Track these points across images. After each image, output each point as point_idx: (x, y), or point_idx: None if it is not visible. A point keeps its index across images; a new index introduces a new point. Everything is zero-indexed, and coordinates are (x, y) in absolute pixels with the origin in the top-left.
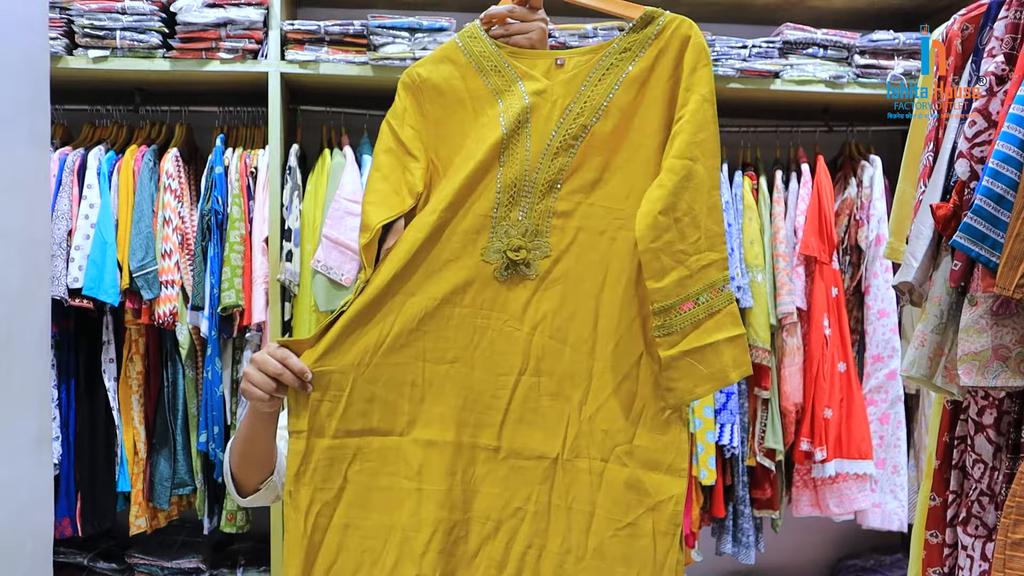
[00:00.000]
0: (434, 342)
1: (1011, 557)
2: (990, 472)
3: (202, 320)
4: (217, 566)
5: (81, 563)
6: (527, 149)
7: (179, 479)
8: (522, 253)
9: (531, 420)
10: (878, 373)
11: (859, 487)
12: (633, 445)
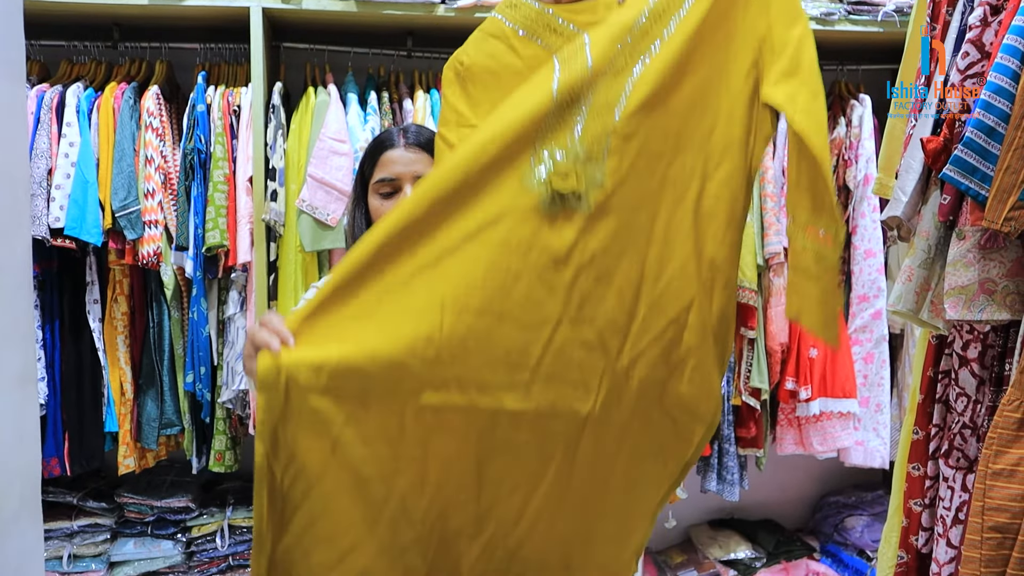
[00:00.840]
0: (456, 289)
1: (991, 486)
2: (973, 405)
3: (187, 260)
4: (206, 505)
5: (71, 502)
6: (587, 67)
7: (166, 419)
8: (571, 181)
9: (563, 376)
10: (863, 313)
11: (842, 425)
12: (666, 392)
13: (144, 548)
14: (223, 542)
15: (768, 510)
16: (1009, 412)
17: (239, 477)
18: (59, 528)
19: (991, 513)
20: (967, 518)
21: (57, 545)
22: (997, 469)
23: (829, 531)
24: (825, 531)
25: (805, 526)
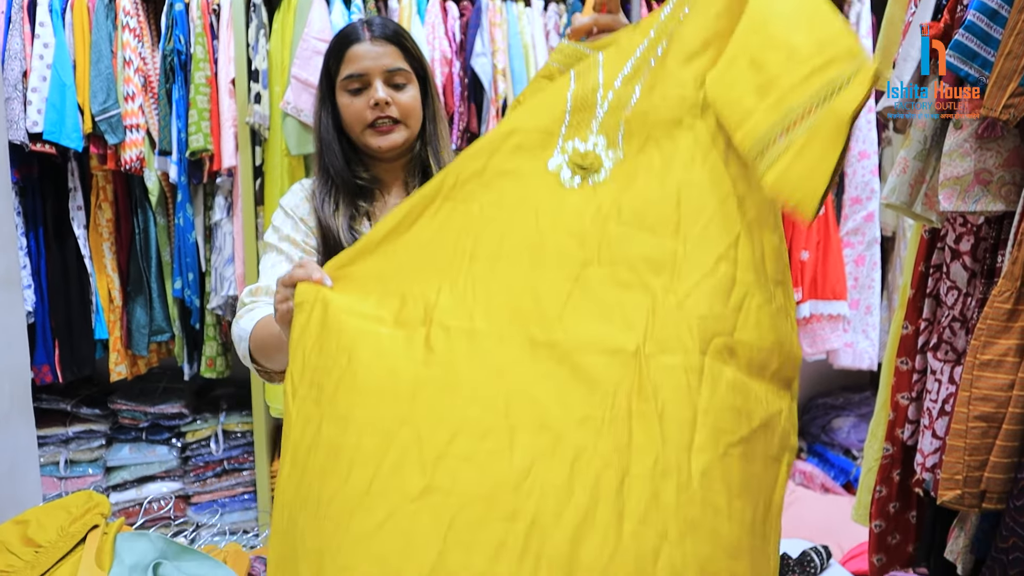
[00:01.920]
0: (486, 242)
1: (978, 377)
2: (963, 298)
3: (170, 165)
4: (200, 411)
5: (64, 409)
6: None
7: (156, 326)
8: (590, 159)
9: (600, 312)
10: (856, 215)
11: (832, 327)
12: (735, 339)
13: (139, 453)
14: (217, 447)
15: None
16: (999, 303)
17: (231, 383)
18: (54, 434)
19: (977, 403)
20: (953, 409)
21: (53, 451)
22: (985, 360)
23: (816, 432)
24: (812, 432)
25: None
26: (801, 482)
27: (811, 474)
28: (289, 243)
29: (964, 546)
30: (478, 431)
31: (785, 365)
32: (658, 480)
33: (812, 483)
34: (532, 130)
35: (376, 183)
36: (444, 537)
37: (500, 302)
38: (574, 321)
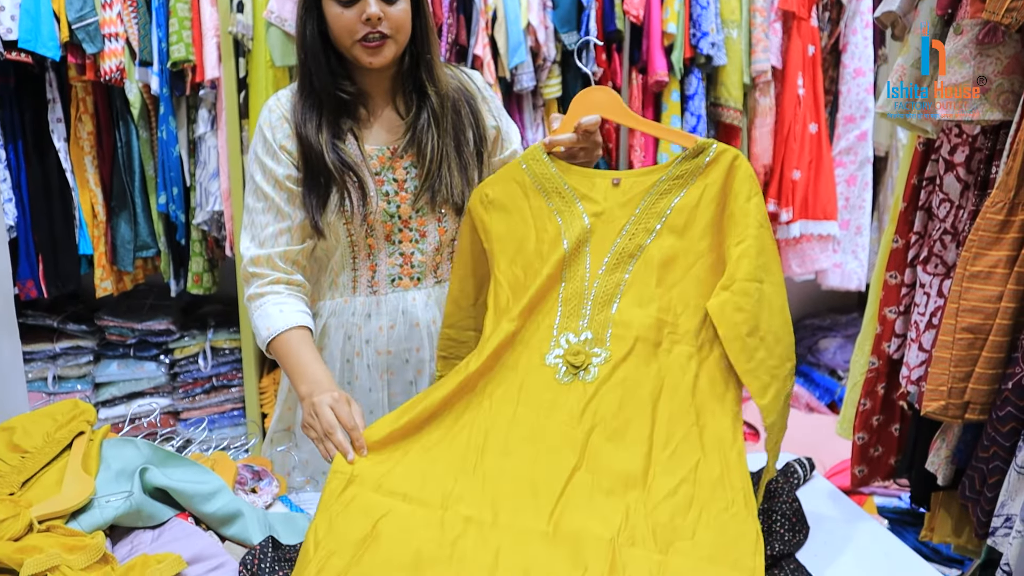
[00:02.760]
0: (493, 437)
1: (967, 289)
2: (955, 211)
3: (152, 77)
4: (187, 328)
5: (51, 325)
6: (587, 266)
7: (141, 242)
8: (581, 358)
9: (585, 509)
10: (849, 134)
11: (822, 248)
12: (695, 541)
13: (128, 369)
14: (206, 363)
15: None
16: (992, 214)
17: (219, 300)
18: (41, 350)
19: (965, 315)
20: (940, 322)
21: (41, 367)
22: (975, 271)
23: (803, 352)
24: (798, 352)
25: None
26: None
27: (796, 394)
28: (273, 184)
29: (945, 457)
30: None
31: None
32: None
33: (797, 402)
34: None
35: (361, 96)
36: None
37: (505, 496)
38: (564, 514)
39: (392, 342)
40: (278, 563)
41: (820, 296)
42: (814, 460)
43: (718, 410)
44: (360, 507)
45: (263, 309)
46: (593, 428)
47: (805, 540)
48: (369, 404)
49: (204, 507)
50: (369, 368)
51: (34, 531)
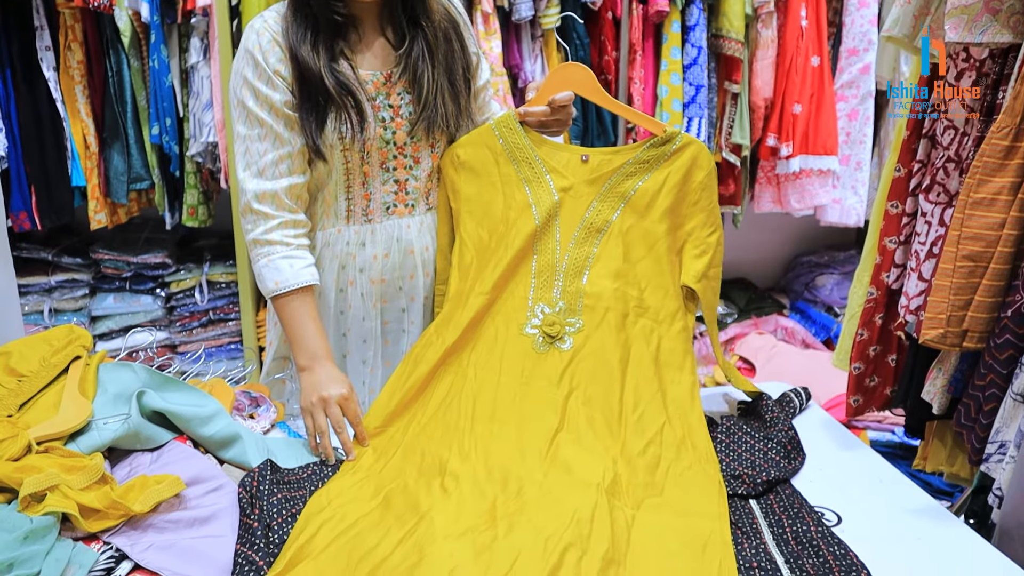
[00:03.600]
0: (481, 405)
1: (969, 216)
2: (960, 138)
3: (142, 3)
4: (183, 261)
5: (46, 258)
6: (557, 239)
7: (135, 173)
8: (556, 328)
9: (569, 465)
10: (852, 68)
11: (821, 183)
12: (664, 497)
13: (124, 303)
14: (202, 297)
15: (742, 270)
16: (997, 140)
17: (214, 234)
18: (37, 283)
19: (966, 242)
20: (941, 251)
21: (37, 300)
22: (978, 198)
23: (800, 289)
24: (796, 289)
25: (777, 285)
26: (782, 337)
27: (792, 330)
28: (269, 110)
29: (941, 386)
30: (479, 527)
31: (708, 505)
32: (607, 561)
33: (793, 338)
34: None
35: (352, 20)
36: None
37: (497, 455)
38: (552, 469)
39: (386, 270)
40: (277, 485)
41: (818, 233)
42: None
43: (678, 378)
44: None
45: (273, 261)
46: (571, 393)
47: (801, 467)
48: (362, 333)
49: (202, 430)
50: (363, 297)
51: (33, 452)
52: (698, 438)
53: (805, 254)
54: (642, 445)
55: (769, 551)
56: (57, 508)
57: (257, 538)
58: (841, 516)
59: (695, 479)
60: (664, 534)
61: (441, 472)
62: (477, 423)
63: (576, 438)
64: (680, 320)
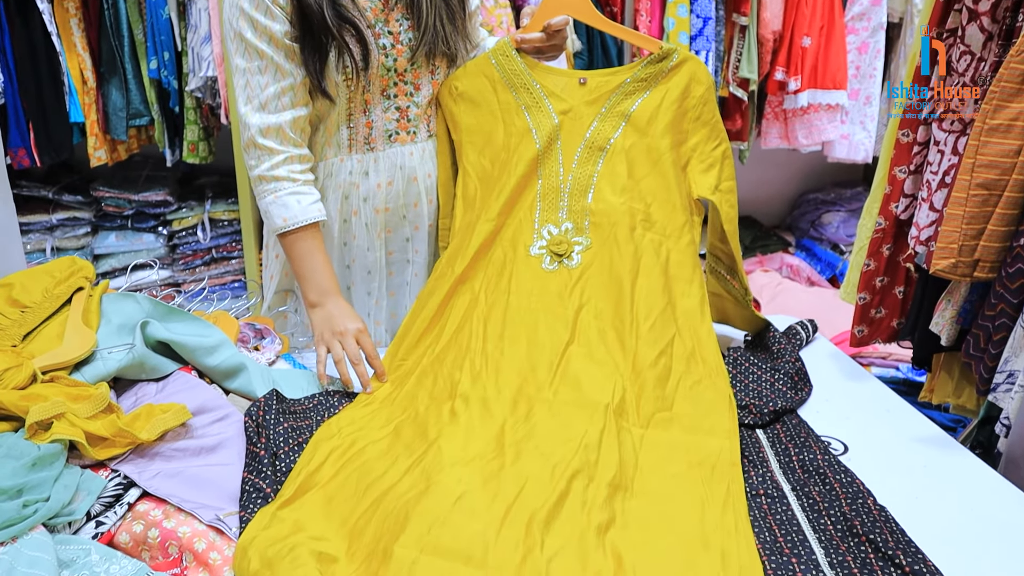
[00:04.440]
0: (492, 326)
1: (985, 143)
2: (976, 63)
3: None
4: (185, 199)
5: (46, 196)
6: (559, 161)
7: (134, 109)
8: (564, 247)
9: (579, 380)
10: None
11: (829, 118)
12: (673, 412)
13: (126, 241)
14: (204, 235)
15: (748, 207)
16: (1016, 64)
17: (216, 171)
18: (38, 222)
19: (981, 170)
20: (954, 180)
21: (38, 238)
22: (994, 124)
23: (805, 227)
24: (801, 227)
25: (782, 222)
26: (787, 275)
27: (797, 267)
28: (268, 41)
29: (950, 317)
30: (487, 454)
31: (717, 421)
32: (614, 487)
33: (798, 276)
34: (515, 224)
35: None
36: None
37: (507, 374)
38: (562, 385)
39: (390, 199)
40: (283, 415)
41: (825, 170)
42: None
43: (687, 291)
44: (381, 415)
45: (280, 198)
46: (581, 307)
47: (807, 397)
48: (366, 264)
49: (207, 360)
50: (367, 227)
51: (38, 381)
52: (708, 352)
53: (811, 191)
54: (653, 356)
55: (776, 479)
56: (64, 436)
57: (264, 466)
58: (847, 445)
59: (704, 394)
60: (672, 454)
61: (452, 395)
62: (488, 343)
63: (587, 352)
64: (688, 233)
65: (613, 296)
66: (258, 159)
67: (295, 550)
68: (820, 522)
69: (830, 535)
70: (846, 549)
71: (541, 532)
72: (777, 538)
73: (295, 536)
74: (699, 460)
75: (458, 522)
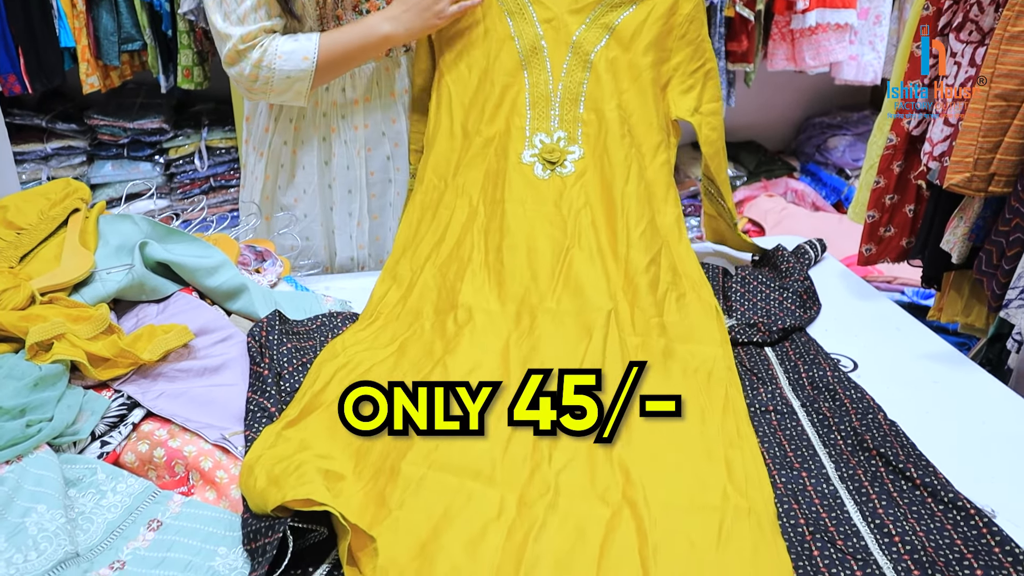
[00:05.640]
0: (491, 235)
1: (1004, 52)
2: None
3: None
4: (181, 127)
5: (39, 124)
6: (547, 70)
7: (125, 33)
8: (556, 154)
9: (582, 282)
10: None
11: (838, 38)
12: (664, 320)
13: (123, 170)
14: (202, 163)
15: (752, 131)
16: None
17: (211, 98)
18: (33, 151)
19: (1000, 80)
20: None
21: (34, 168)
22: (1015, 32)
23: (811, 151)
24: (807, 151)
25: (787, 147)
26: (792, 200)
27: (803, 192)
28: None
29: (962, 234)
30: (493, 372)
31: (706, 333)
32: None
33: (803, 201)
34: (508, 134)
35: None
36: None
37: (508, 286)
38: (565, 290)
39: (368, 115)
40: (286, 335)
41: (831, 93)
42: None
43: (663, 209)
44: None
45: (279, 49)
46: (578, 212)
47: (816, 316)
48: (347, 183)
49: (208, 281)
50: (346, 144)
51: (37, 303)
52: (689, 266)
53: (817, 115)
54: (645, 263)
55: (785, 395)
56: (65, 356)
57: (268, 386)
58: (857, 362)
59: (691, 305)
60: (668, 363)
61: (454, 306)
62: (489, 254)
63: (587, 255)
64: (663, 153)
65: (604, 205)
66: (246, 58)
67: (302, 467)
68: (830, 437)
69: (840, 450)
70: (856, 463)
71: (549, 446)
72: (787, 453)
73: (301, 454)
74: (694, 368)
75: (465, 438)
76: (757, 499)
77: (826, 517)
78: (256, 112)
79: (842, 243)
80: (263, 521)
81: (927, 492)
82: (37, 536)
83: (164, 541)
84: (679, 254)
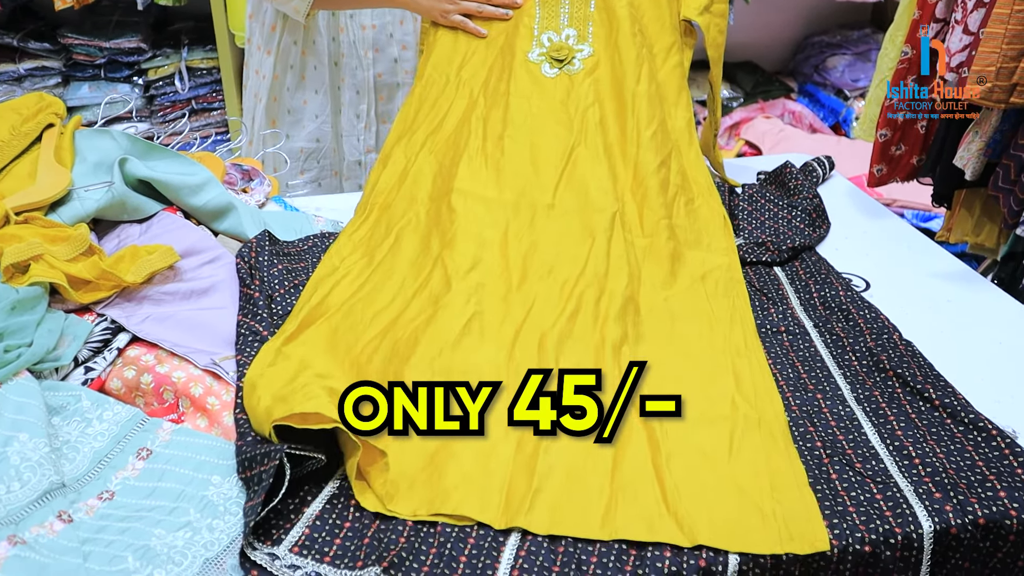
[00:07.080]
0: (491, 126)
1: None
2: None
3: None
4: (160, 46)
5: (11, 44)
6: None
7: None
8: (564, 52)
9: (587, 183)
10: None
11: None
12: (672, 222)
13: (100, 92)
14: (183, 84)
15: (749, 51)
16: None
17: (190, 15)
18: (5, 71)
19: None
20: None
21: (6, 90)
22: None
23: (809, 71)
24: (805, 71)
25: (785, 67)
26: (790, 121)
27: (800, 114)
28: None
29: (977, 150)
30: (493, 270)
31: (714, 239)
32: (626, 299)
33: (800, 123)
34: (510, 29)
35: None
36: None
37: (509, 174)
38: (567, 189)
39: (376, 15)
40: (277, 256)
41: (830, 10)
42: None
43: (674, 113)
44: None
45: None
46: (586, 110)
47: (826, 235)
48: (355, 84)
49: (193, 199)
50: (354, 44)
51: (11, 223)
52: (698, 173)
53: (816, 34)
54: (656, 164)
55: (796, 315)
56: (43, 278)
57: (259, 308)
58: (869, 282)
59: (700, 211)
60: (676, 267)
61: (449, 191)
62: (488, 142)
63: (594, 154)
64: (676, 55)
65: (614, 104)
66: None
67: (307, 387)
68: (844, 358)
69: (855, 371)
70: (872, 384)
71: (555, 351)
72: (800, 374)
73: (303, 375)
74: (701, 275)
75: (469, 345)
76: (767, 410)
77: (843, 440)
78: (260, 10)
79: (841, 165)
80: (258, 448)
81: (946, 413)
82: (20, 466)
83: (154, 470)
84: (689, 159)
